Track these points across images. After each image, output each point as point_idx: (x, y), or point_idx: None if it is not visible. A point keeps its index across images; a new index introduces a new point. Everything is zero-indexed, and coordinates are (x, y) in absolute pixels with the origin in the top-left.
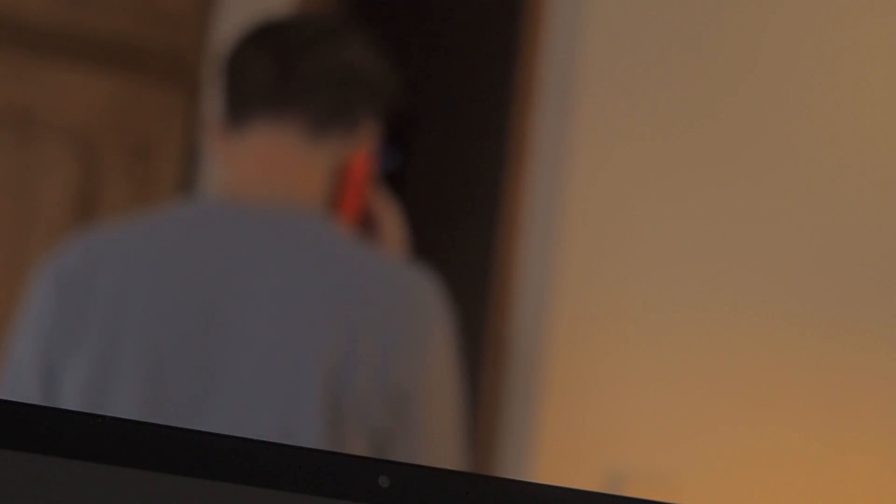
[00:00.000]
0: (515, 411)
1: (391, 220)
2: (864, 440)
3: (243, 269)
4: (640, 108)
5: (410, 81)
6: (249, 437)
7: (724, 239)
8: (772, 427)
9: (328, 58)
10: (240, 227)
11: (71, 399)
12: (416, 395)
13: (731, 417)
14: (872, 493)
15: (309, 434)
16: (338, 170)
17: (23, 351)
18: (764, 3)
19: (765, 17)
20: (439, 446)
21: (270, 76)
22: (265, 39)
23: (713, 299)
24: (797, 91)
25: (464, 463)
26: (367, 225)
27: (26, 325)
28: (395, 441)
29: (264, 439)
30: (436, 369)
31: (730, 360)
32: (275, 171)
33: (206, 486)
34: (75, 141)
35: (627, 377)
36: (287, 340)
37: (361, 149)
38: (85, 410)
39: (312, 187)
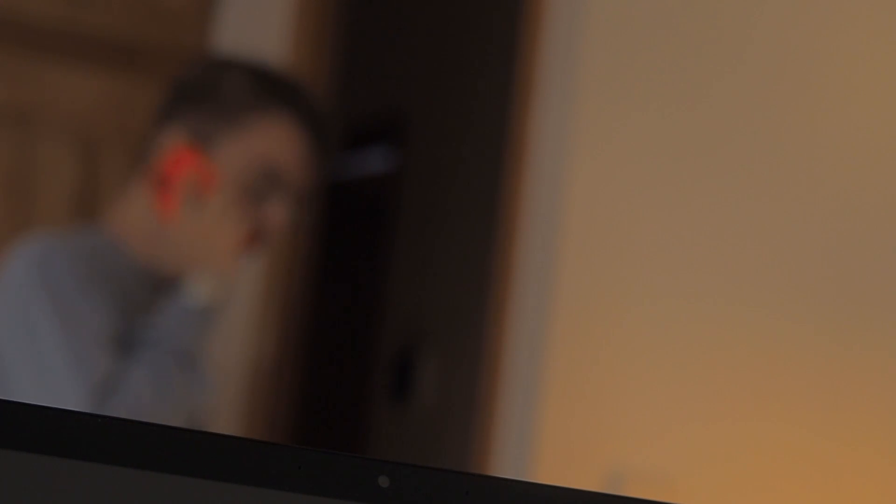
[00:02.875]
0: (515, 411)
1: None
2: (866, 437)
3: None
4: (639, 106)
5: (409, 80)
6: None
7: (724, 240)
8: (773, 425)
9: None
10: None
11: None
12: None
13: (732, 417)
14: (876, 490)
15: None
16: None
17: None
18: None
19: (765, 12)
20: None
21: None
22: None
23: (713, 299)
24: (796, 87)
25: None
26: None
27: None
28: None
29: None
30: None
31: (730, 360)
32: None
33: (206, 486)
34: (75, 141)
35: (627, 377)
36: None
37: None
38: None
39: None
